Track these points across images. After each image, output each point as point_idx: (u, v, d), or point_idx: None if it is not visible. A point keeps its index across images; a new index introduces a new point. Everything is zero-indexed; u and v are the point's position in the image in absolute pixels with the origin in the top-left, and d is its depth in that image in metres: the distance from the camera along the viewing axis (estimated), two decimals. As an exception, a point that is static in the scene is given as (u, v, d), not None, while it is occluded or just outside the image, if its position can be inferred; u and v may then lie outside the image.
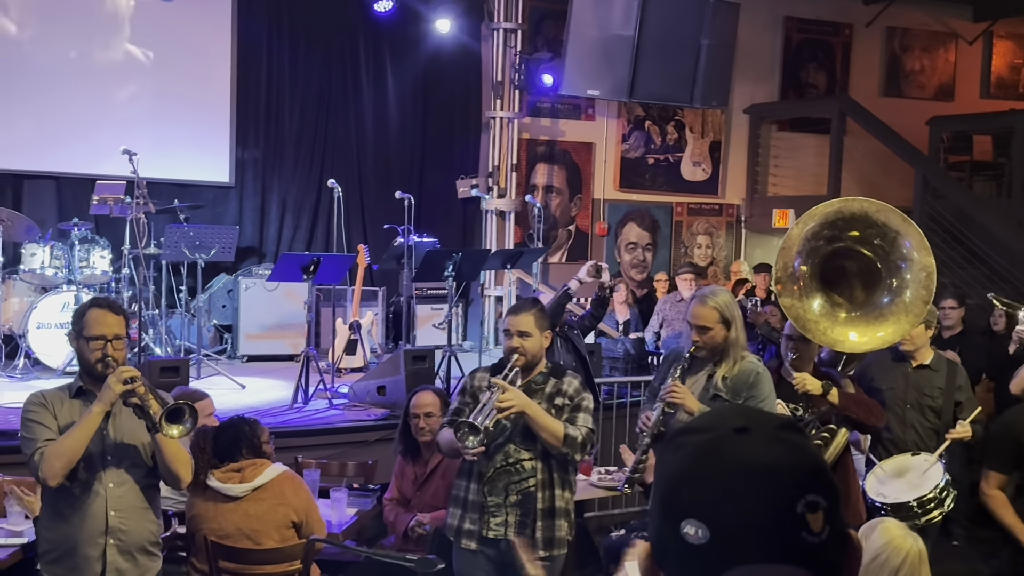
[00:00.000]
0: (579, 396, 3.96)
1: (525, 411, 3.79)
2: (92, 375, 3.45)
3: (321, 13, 10.06)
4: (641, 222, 11.70)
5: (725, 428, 1.07)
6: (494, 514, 3.90)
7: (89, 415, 3.32)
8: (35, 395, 3.48)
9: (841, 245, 4.54)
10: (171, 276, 8.67)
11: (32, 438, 3.37)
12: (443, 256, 7.55)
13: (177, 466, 3.46)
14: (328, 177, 8.90)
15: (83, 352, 3.47)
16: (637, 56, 9.67)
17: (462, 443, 3.74)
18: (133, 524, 3.46)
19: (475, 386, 4.02)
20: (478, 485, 3.92)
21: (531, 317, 3.96)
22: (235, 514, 4.00)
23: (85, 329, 3.45)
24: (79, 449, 3.31)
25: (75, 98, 9.33)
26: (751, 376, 4.02)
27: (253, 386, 7.74)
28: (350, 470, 5.54)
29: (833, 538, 1.04)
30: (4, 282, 8.03)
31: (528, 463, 3.90)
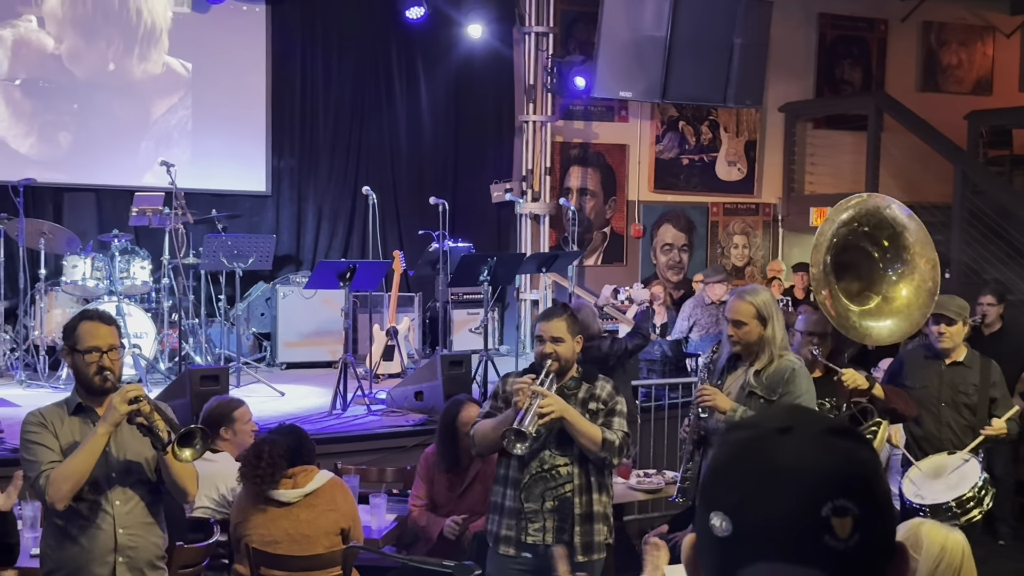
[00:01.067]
0: (613, 400, 3.97)
1: (564, 416, 3.79)
2: (90, 390, 3.41)
3: (353, 22, 10.13)
4: (676, 223, 11.65)
5: (768, 427, 1.08)
6: (531, 520, 3.90)
7: (94, 436, 3.25)
8: (33, 415, 3.41)
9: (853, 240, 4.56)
10: (210, 285, 8.76)
11: (35, 460, 3.31)
12: (478, 261, 7.56)
13: (185, 481, 3.41)
14: (363, 184, 8.96)
15: (79, 366, 3.40)
16: (669, 57, 9.63)
17: (510, 449, 3.74)
18: (141, 540, 3.45)
19: (508, 391, 4.02)
20: (515, 491, 3.92)
21: (563, 322, 3.96)
22: (285, 520, 4.03)
23: (78, 343, 3.38)
24: (86, 471, 3.26)
25: (113, 111, 9.48)
26: (786, 372, 4.00)
27: (292, 393, 7.79)
28: (389, 476, 5.57)
29: (864, 548, 1.03)
30: (47, 294, 8.16)
31: (564, 469, 3.90)
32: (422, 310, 9.66)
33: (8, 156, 9.04)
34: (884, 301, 4.62)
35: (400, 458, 6.19)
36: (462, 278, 7.80)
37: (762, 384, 3.98)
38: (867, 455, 1.08)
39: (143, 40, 9.54)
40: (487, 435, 3.91)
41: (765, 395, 3.96)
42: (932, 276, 4.59)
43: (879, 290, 4.64)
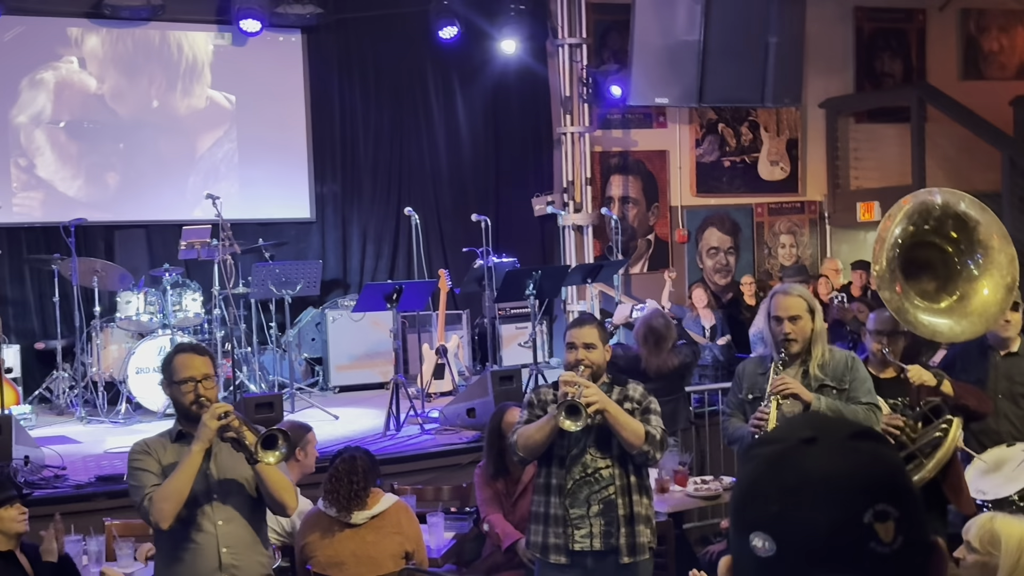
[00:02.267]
0: (646, 400, 3.98)
1: (606, 408, 3.79)
2: (189, 418, 3.52)
3: (388, 45, 10.22)
4: (721, 226, 11.57)
5: (794, 439, 1.06)
6: (578, 526, 3.89)
7: (190, 455, 3.38)
8: (138, 444, 3.56)
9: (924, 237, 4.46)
10: (260, 313, 8.87)
11: (139, 485, 3.44)
12: (523, 275, 7.58)
13: (282, 494, 3.50)
14: (405, 205, 9.02)
15: (177, 397, 3.54)
16: (704, 60, 9.59)
17: (558, 420, 3.72)
18: (245, 559, 3.53)
19: (543, 399, 4.03)
20: (559, 498, 3.91)
21: (595, 329, 3.98)
22: (351, 541, 4.08)
23: (175, 374, 3.52)
24: (184, 489, 3.38)
25: (159, 148, 9.65)
26: (847, 360, 4.04)
27: (346, 416, 7.85)
28: (445, 494, 5.58)
29: (909, 548, 1.02)
30: (102, 330, 8.31)
31: (606, 471, 3.90)
32: (470, 327, 9.69)
33: (57, 198, 9.24)
34: (959, 298, 4.52)
35: (455, 476, 6.20)
36: (508, 293, 7.82)
37: (828, 375, 3.97)
38: (892, 455, 1.07)
39: (185, 75, 9.71)
40: (531, 436, 3.90)
41: (836, 386, 3.96)
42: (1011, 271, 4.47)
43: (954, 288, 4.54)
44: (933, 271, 4.57)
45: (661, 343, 6.29)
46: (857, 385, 3.98)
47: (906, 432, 4.28)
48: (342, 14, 9.93)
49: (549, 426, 3.84)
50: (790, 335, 3.97)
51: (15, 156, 9.18)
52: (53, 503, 5.47)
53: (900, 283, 4.49)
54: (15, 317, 8.97)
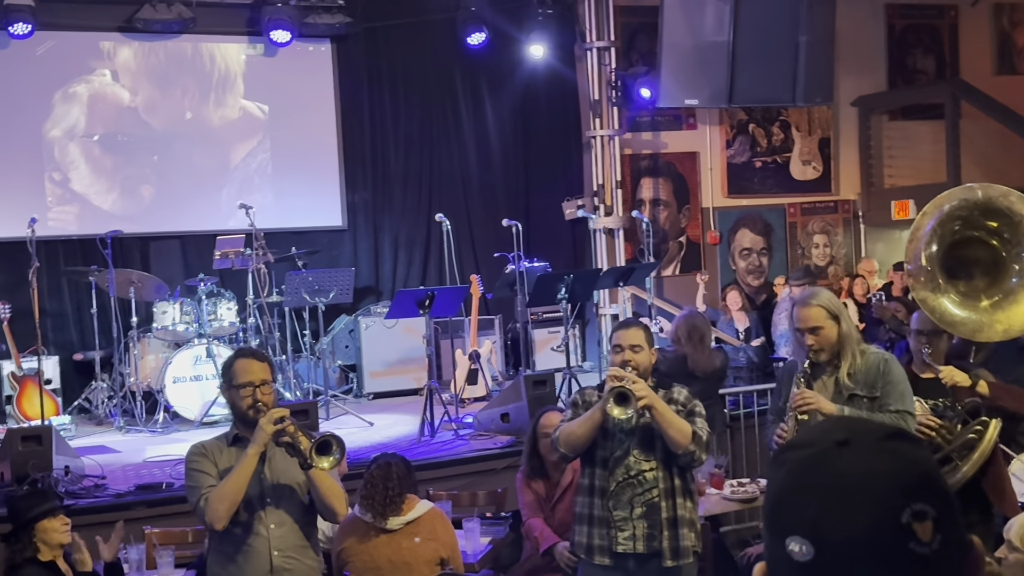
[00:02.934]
0: (691, 403, 3.96)
1: (654, 405, 3.77)
2: (245, 422, 3.56)
3: (416, 53, 10.27)
4: (753, 227, 11.50)
5: (826, 442, 1.05)
6: (621, 528, 3.88)
7: (245, 458, 3.43)
8: (196, 446, 3.62)
9: (966, 234, 4.38)
10: (294, 321, 8.93)
11: (195, 486, 3.50)
12: (555, 279, 7.57)
13: (333, 500, 3.54)
14: (436, 212, 9.04)
15: (235, 401, 3.60)
16: (734, 61, 9.54)
17: (607, 407, 3.71)
18: (296, 563, 3.56)
19: (587, 400, 4.03)
20: (602, 500, 3.91)
21: (641, 331, 3.97)
22: (387, 547, 4.10)
23: (234, 379, 3.57)
24: (239, 491, 3.43)
25: (193, 159, 9.75)
26: (880, 364, 3.90)
27: (380, 422, 7.88)
28: (481, 499, 5.58)
29: (947, 547, 1.01)
30: (140, 341, 8.41)
31: (650, 474, 3.88)
32: (503, 332, 9.70)
33: (92, 212, 9.35)
34: (1002, 297, 4.43)
35: (490, 481, 6.21)
36: (540, 297, 7.81)
37: (858, 383, 3.88)
38: (925, 454, 1.07)
39: (218, 86, 9.80)
40: (573, 432, 3.89)
41: (867, 393, 3.85)
42: None
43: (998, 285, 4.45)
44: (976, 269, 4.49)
45: (705, 339, 6.28)
46: (889, 390, 3.87)
47: (940, 433, 4.23)
48: (371, 23, 9.99)
49: (591, 420, 3.84)
50: (814, 346, 3.90)
51: (49, 171, 9.30)
52: (93, 512, 5.54)
53: (938, 281, 4.42)
54: (54, 329, 9.08)
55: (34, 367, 7.78)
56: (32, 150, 9.24)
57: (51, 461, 5.88)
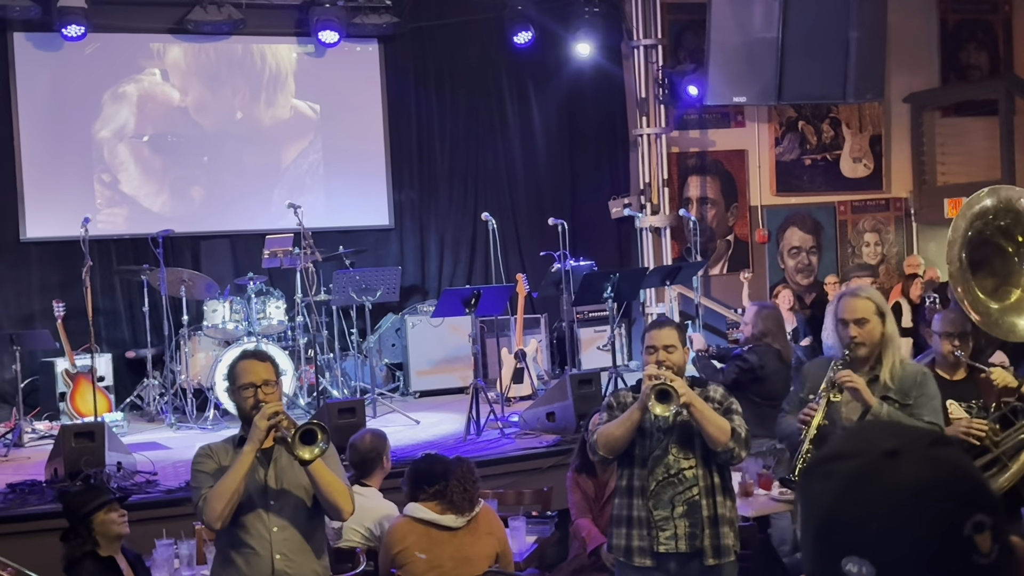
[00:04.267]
0: (727, 400, 3.92)
1: (692, 402, 3.74)
2: (249, 423, 3.51)
3: (463, 53, 10.30)
4: (803, 225, 11.37)
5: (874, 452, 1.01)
6: (663, 528, 3.85)
7: (241, 455, 3.40)
8: (202, 448, 3.60)
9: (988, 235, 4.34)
10: (342, 320, 8.99)
11: (197, 486, 3.49)
12: (601, 278, 7.55)
13: (336, 497, 3.47)
14: (482, 211, 9.06)
15: (239, 402, 3.59)
16: (783, 57, 9.44)
17: (646, 404, 3.70)
18: (298, 567, 3.52)
19: (622, 401, 4.00)
20: (642, 500, 3.88)
21: (674, 331, 3.94)
22: (450, 544, 4.13)
23: (237, 380, 3.56)
24: (235, 490, 3.38)
25: (244, 160, 9.85)
26: (918, 375, 3.84)
27: (426, 421, 7.91)
28: (527, 498, 5.57)
29: (1002, 555, 0.98)
30: (190, 338, 8.52)
31: (689, 472, 3.85)
32: (549, 331, 9.69)
33: (144, 212, 9.47)
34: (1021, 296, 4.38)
35: (536, 480, 6.21)
36: (586, 296, 7.80)
37: (893, 388, 3.79)
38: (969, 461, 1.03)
39: (268, 85, 9.90)
40: (611, 433, 3.87)
41: (899, 399, 3.78)
42: None
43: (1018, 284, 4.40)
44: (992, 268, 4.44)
45: (783, 326, 6.27)
46: (924, 402, 3.78)
47: (988, 436, 4.15)
48: (418, 23, 10.03)
49: (630, 420, 3.82)
50: (856, 339, 3.80)
51: (99, 172, 9.44)
52: (145, 508, 5.63)
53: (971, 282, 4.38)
54: (106, 327, 9.24)
55: (87, 364, 7.93)
56: (84, 151, 9.40)
57: (104, 457, 5.98)
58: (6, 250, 9.14)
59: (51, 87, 9.29)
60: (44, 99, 9.27)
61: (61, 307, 8.38)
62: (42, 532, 5.17)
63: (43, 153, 9.26)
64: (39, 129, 9.25)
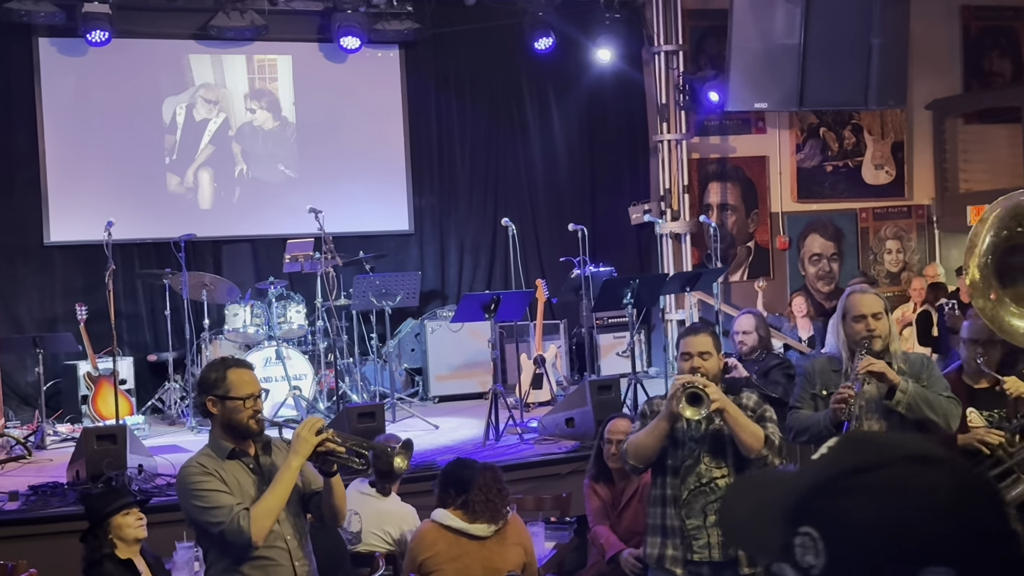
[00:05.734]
0: (761, 408, 3.91)
1: (726, 408, 3.72)
2: (242, 435, 3.42)
3: (483, 58, 10.32)
4: (824, 232, 11.32)
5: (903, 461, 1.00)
6: (696, 537, 3.84)
7: (289, 470, 3.32)
8: (193, 466, 3.37)
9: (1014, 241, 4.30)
10: (361, 324, 9.02)
11: (219, 506, 3.27)
12: (620, 284, 7.54)
13: (344, 506, 3.52)
14: (502, 216, 9.07)
15: (229, 414, 3.38)
16: (804, 63, 9.41)
17: (677, 407, 3.68)
18: (311, 569, 3.51)
19: (656, 410, 3.97)
20: (675, 509, 3.87)
21: (709, 338, 3.94)
22: (479, 553, 4.10)
23: (232, 391, 3.38)
24: (282, 505, 3.33)
25: (262, 163, 9.90)
26: (923, 360, 4.08)
27: (445, 426, 7.92)
28: (546, 504, 5.57)
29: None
30: (211, 342, 8.57)
31: (722, 480, 3.84)
32: (568, 337, 9.68)
33: (167, 216, 9.51)
34: None
35: (555, 485, 6.20)
36: (606, 302, 7.78)
37: (907, 372, 3.93)
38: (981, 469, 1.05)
39: (289, 91, 9.96)
40: (641, 443, 3.86)
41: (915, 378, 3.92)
42: None
43: None
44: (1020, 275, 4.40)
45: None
46: (934, 382, 3.94)
47: (1003, 447, 4.13)
48: (439, 29, 10.06)
49: (659, 429, 3.80)
50: (875, 331, 3.91)
51: (122, 176, 9.50)
52: (165, 511, 5.64)
53: (995, 290, 4.34)
54: (128, 330, 9.30)
55: (109, 367, 7.97)
56: (107, 155, 9.47)
57: (125, 460, 6.02)
58: (30, 254, 9.23)
59: (75, 92, 9.37)
60: (68, 104, 9.35)
61: (84, 310, 8.45)
62: (64, 534, 5.19)
63: (67, 157, 9.34)
64: (63, 134, 9.33)
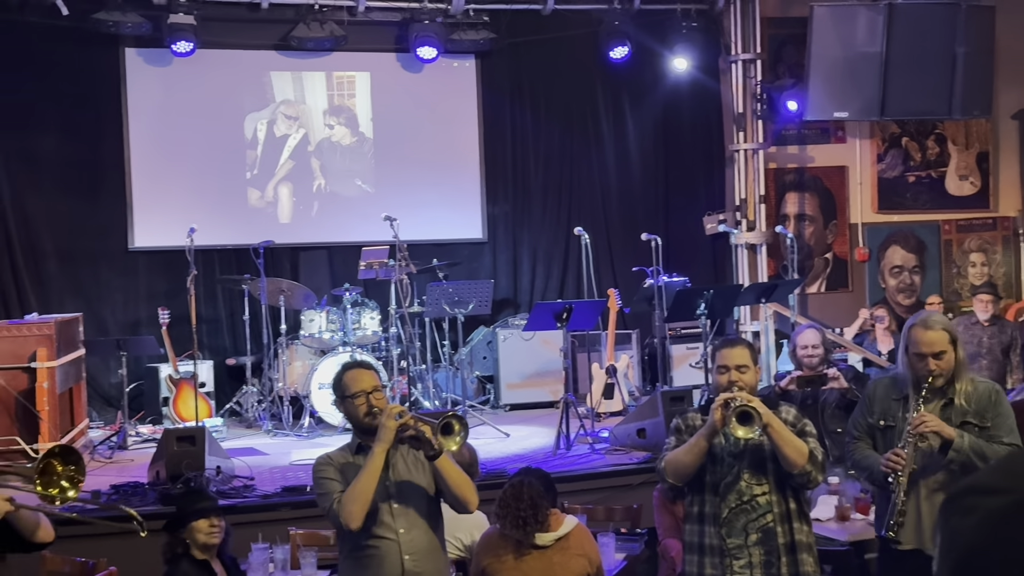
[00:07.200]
0: (800, 422, 3.81)
1: (771, 423, 3.65)
2: (364, 430, 3.64)
3: (558, 68, 10.35)
4: (905, 244, 11.08)
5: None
6: (736, 556, 3.74)
7: (372, 456, 3.50)
8: (322, 457, 3.69)
9: None
10: (434, 332, 9.09)
11: (326, 492, 3.56)
12: (694, 294, 7.47)
13: (464, 490, 3.59)
14: (575, 225, 9.07)
15: (351, 412, 3.68)
16: (886, 72, 9.23)
17: (732, 430, 3.61)
18: (427, 566, 3.61)
19: (691, 424, 3.89)
20: (714, 528, 3.77)
21: (746, 350, 3.85)
22: (539, 562, 4.08)
23: (347, 390, 3.67)
24: (369, 490, 3.48)
25: (337, 171, 10.04)
26: (991, 394, 3.85)
27: (516, 434, 7.93)
28: (616, 515, 5.53)
29: None
30: (288, 347, 8.71)
31: (763, 498, 3.74)
32: (640, 347, 9.62)
33: (244, 225, 9.70)
34: None
35: (626, 496, 6.16)
36: (679, 313, 7.72)
37: (970, 412, 3.80)
38: None
39: (363, 101, 10.09)
40: (680, 460, 3.78)
41: (977, 422, 3.79)
42: None
43: None
44: None
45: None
46: (1000, 422, 3.78)
47: None
48: (514, 38, 10.11)
49: (699, 446, 3.73)
50: (935, 371, 3.81)
51: (204, 183, 9.72)
52: (242, 512, 5.75)
53: None
54: (208, 334, 9.51)
55: (190, 371, 8.16)
56: (190, 163, 9.70)
57: (204, 461, 6.14)
58: (116, 259, 9.49)
59: (160, 102, 9.62)
60: (153, 113, 9.61)
61: (166, 314, 8.66)
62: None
63: (152, 165, 9.59)
64: (148, 142, 9.58)
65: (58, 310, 8.58)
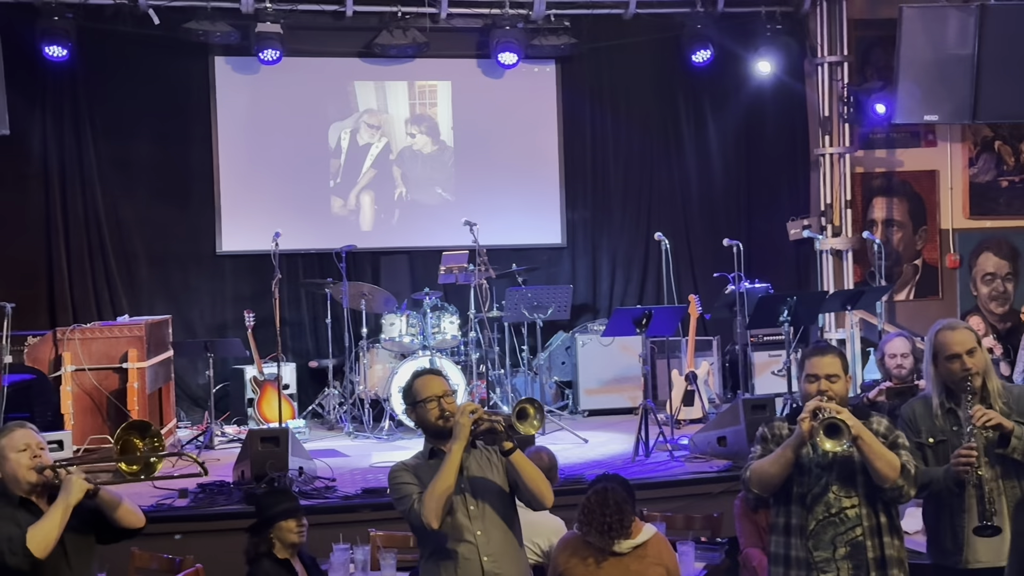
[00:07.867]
0: (893, 433, 3.71)
1: (861, 435, 3.55)
2: (436, 435, 3.71)
3: (639, 72, 10.29)
4: (998, 250, 10.75)
5: None
6: (824, 570, 3.65)
7: (450, 454, 3.55)
8: (397, 464, 3.77)
9: None
10: (513, 337, 9.11)
11: (405, 495, 3.62)
12: (777, 301, 7.37)
13: (539, 484, 3.64)
14: (655, 230, 9.01)
15: (423, 417, 3.74)
16: (978, 75, 8.96)
17: (816, 437, 3.54)
18: (507, 567, 3.64)
19: (777, 433, 3.80)
20: (801, 540, 3.68)
21: (837, 359, 3.74)
22: (616, 569, 4.06)
23: (418, 396, 3.74)
24: (448, 487, 3.53)
25: (419, 177, 10.14)
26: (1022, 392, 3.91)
27: (595, 440, 7.91)
28: (696, 523, 5.46)
29: None
30: (369, 351, 8.83)
31: (852, 511, 3.65)
32: (721, 354, 9.50)
33: (328, 230, 9.83)
34: None
35: (706, 505, 6.09)
36: (761, 319, 7.62)
37: (1012, 409, 3.83)
38: None
39: (445, 107, 10.17)
40: (765, 470, 3.70)
41: (1020, 420, 3.80)
42: None
43: None
44: None
45: None
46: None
47: None
48: (595, 43, 10.08)
49: (786, 458, 3.65)
50: (972, 369, 3.81)
51: (289, 189, 9.89)
52: (323, 512, 5.84)
53: None
54: (292, 337, 9.68)
55: (274, 373, 8.32)
56: (277, 169, 9.88)
57: (287, 462, 6.25)
58: (204, 262, 9.72)
59: (248, 109, 9.83)
60: (241, 121, 9.82)
61: (252, 317, 8.84)
62: (229, 531, 5.42)
63: (239, 172, 9.80)
64: (236, 149, 9.80)
65: (148, 312, 8.82)
